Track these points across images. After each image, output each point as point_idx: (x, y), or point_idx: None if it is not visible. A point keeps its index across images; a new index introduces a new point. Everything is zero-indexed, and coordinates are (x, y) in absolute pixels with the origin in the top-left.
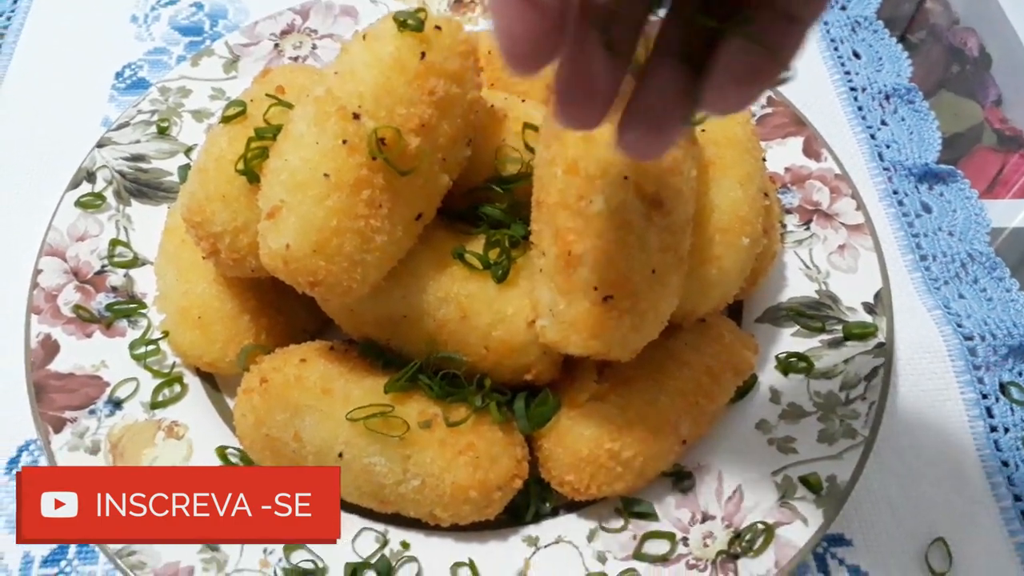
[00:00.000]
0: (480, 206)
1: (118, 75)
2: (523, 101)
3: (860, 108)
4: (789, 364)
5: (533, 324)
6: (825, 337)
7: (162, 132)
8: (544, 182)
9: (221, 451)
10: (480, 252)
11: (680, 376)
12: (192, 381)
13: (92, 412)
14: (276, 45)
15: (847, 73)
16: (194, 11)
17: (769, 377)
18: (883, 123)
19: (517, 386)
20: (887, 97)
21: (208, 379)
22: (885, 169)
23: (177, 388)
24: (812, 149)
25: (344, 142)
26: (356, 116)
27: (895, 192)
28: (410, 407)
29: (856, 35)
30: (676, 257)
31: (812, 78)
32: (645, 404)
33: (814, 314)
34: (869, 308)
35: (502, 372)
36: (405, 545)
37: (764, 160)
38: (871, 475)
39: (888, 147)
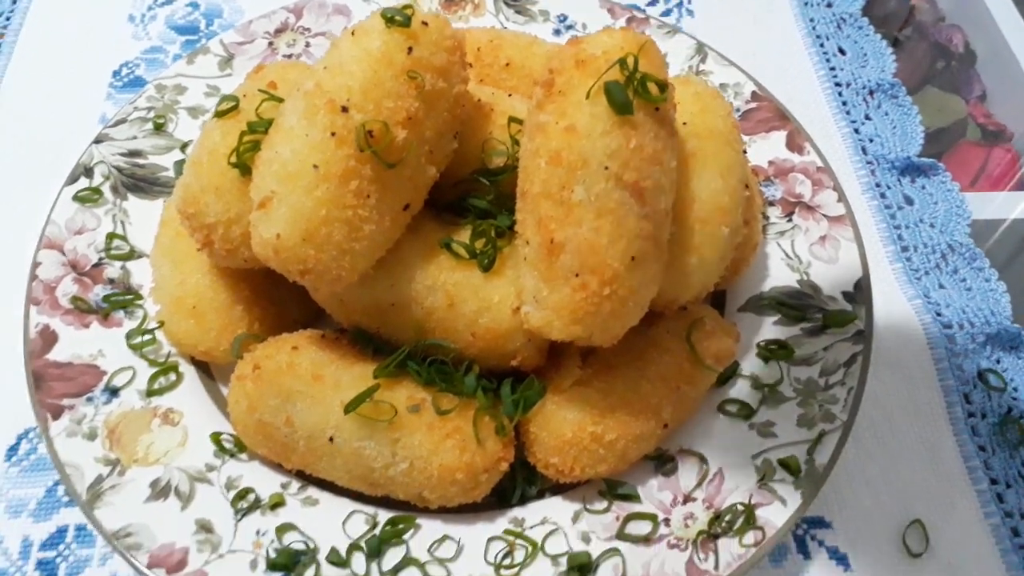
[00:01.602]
0: (467, 197)
1: (115, 73)
2: (509, 96)
3: (844, 103)
4: (770, 351)
5: (518, 311)
6: (806, 325)
7: (158, 128)
8: (528, 173)
9: (216, 437)
10: (467, 242)
11: (662, 362)
12: (187, 370)
13: (90, 400)
14: (270, 43)
15: (832, 69)
16: (190, 11)
17: (750, 364)
18: (867, 118)
19: (504, 372)
20: (871, 92)
21: (203, 368)
22: (868, 163)
23: (172, 376)
24: (795, 143)
25: (333, 135)
26: (344, 109)
27: (878, 185)
28: (399, 392)
29: (841, 31)
30: (656, 245)
31: (798, 73)
32: (627, 389)
33: (795, 303)
34: (849, 297)
35: (489, 358)
36: (394, 524)
37: (745, 153)
38: (850, 459)
39: (871, 141)
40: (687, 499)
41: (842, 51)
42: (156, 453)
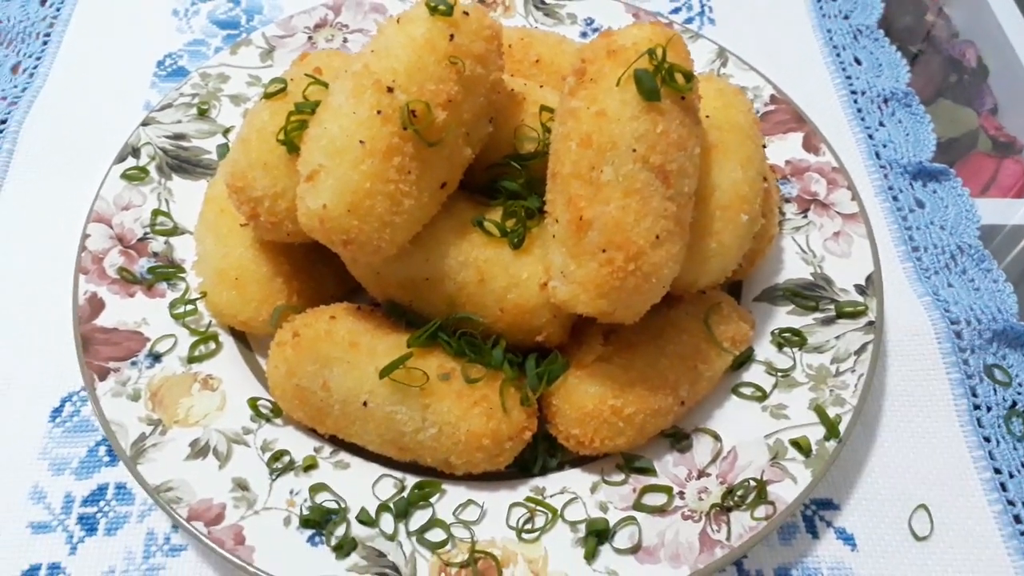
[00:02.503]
0: (499, 180)
1: (159, 64)
2: (541, 87)
3: (859, 110)
4: (784, 339)
5: (545, 287)
6: (818, 315)
7: (202, 114)
8: (559, 155)
9: (252, 402)
10: (498, 221)
11: (680, 342)
12: (226, 340)
13: (134, 364)
14: (310, 38)
15: (848, 77)
16: (231, 6)
17: (765, 351)
18: (881, 124)
19: (529, 348)
20: (885, 100)
21: (241, 339)
22: (881, 167)
23: (212, 345)
24: (811, 144)
25: (378, 113)
26: (390, 90)
27: (890, 188)
28: (430, 361)
29: (858, 43)
30: (679, 226)
31: (815, 81)
32: (646, 365)
33: (809, 294)
34: (861, 290)
35: (515, 333)
36: (421, 487)
37: (764, 147)
38: (859, 444)
39: (885, 147)
40: (701, 474)
41: (858, 61)
42: (196, 415)
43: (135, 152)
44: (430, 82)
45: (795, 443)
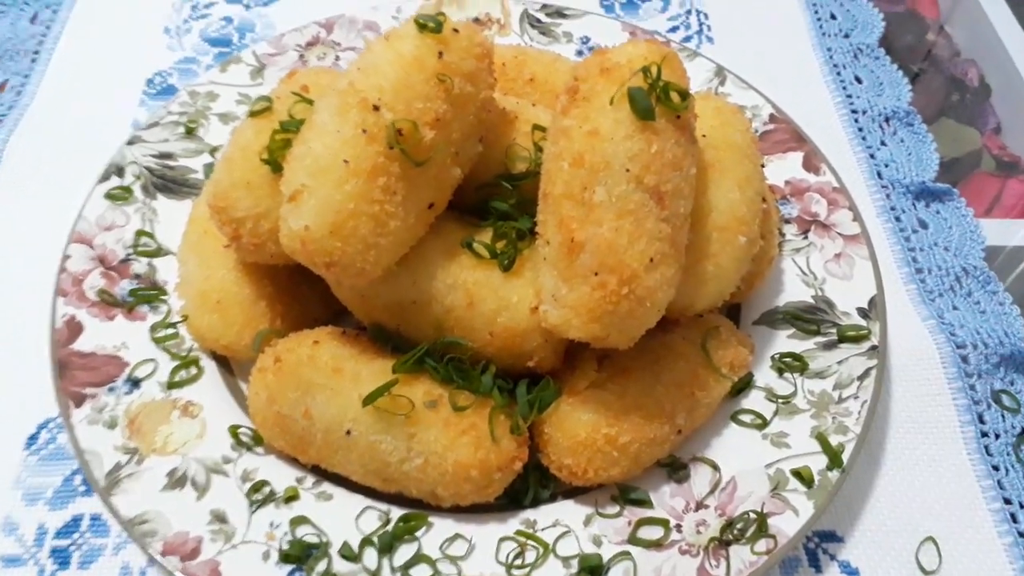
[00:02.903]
0: (489, 200)
1: (149, 82)
2: (534, 106)
3: (860, 129)
4: (784, 364)
5: (536, 310)
6: (820, 339)
7: (189, 132)
8: (551, 175)
9: (233, 429)
10: (488, 242)
11: (676, 368)
12: (208, 364)
13: (111, 390)
14: (301, 56)
15: (849, 96)
16: (223, 24)
17: (765, 376)
18: (882, 144)
19: (520, 373)
20: (887, 119)
21: (223, 363)
22: (883, 187)
23: (193, 370)
24: (811, 163)
25: (364, 132)
26: (376, 108)
27: (892, 208)
28: (417, 388)
29: (858, 61)
30: (674, 248)
31: (815, 100)
32: (642, 393)
33: (810, 318)
34: (863, 313)
35: (506, 358)
36: (407, 520)
37: (763, 167)
38: (863, 473)
39: (887, 166)
40: (699, 506)
41: (858, 80)
42: (174, 443)
43: (119, 171)
44: (417, 100)
45: (797, 473)
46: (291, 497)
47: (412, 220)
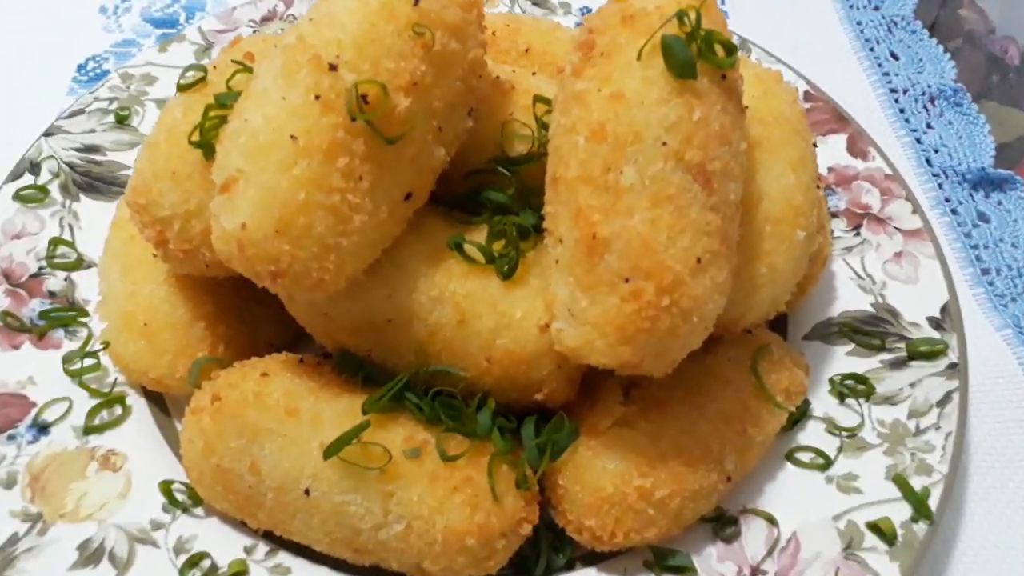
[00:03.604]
0: (483, 191)
1: (80, 67)
2: (534, 75)
3: (902, 110)
4: (846, 387)
5: (546, 329)
6: (886, 356)
7: (121, 121)
8: (562, 154)
9: (166, 487)
10: (482, 243)
11: (724, 398)
12: (136, 402)
13: (11, 438)
14: (255, 32)
15: (886, 74)
16: (169, 3)
17: (823, 403)
18: (928, 126)
19: (526, 408)
20: (932, 99)
21: (156, 400)
22: (935, 175)
23: (117, 410)
24: (857, 147)
25: (317, 98)
26: (333, 68)
27: (947, 200)
28: (394, 432)
29: (893, 35)
30: (725, 245)
31: (847, 78)
32: (682, 432)
33: (871, 330)
34: (935, 323)
35: (508, 390)
36: None
37: (815, 145)
38: (949, 522)
39: (936, 152)
40: (755, 572)
41: (894, 56)
42: (89, 506)
43: (33, 168)
44: (387, 58)
45: (874, 527)
46: (238, 573)
47: (384, 215)
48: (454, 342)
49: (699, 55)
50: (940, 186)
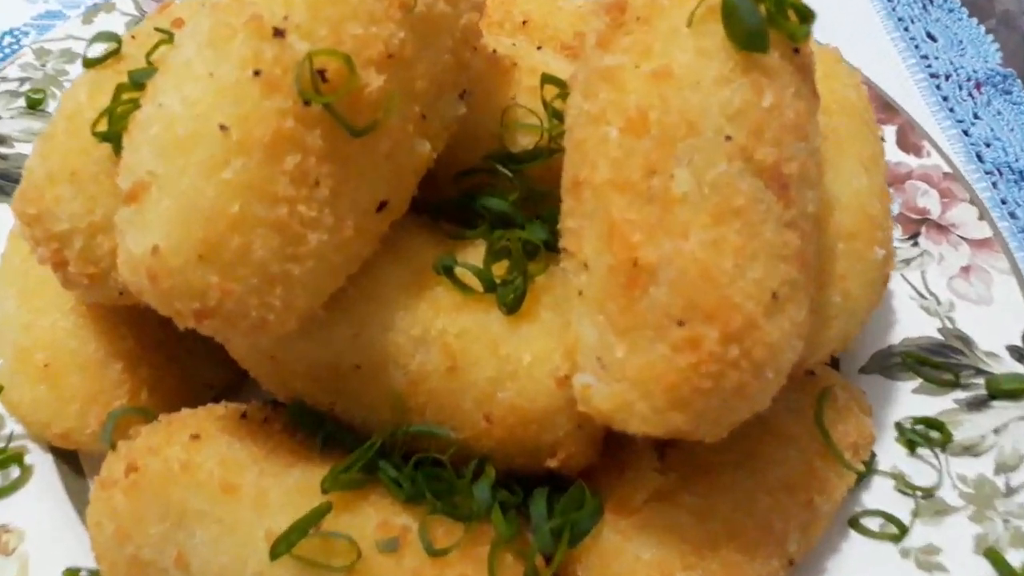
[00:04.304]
0: (479, 196)
1: None
2: (539, 49)
3: (946, 99)
4: (917, 434)
5: (565, 382)
6: (961, 395)
7: (33, 106)
8: (586, 151)
9: (71, 575)
10: (479, 265)
11: (785, 460)
12: (39, 460)
13: None
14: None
15: (924, 57)
16: None
17: (890, 454)
18: (976, 117)
19: (536, 478)
20: (978, 86)
21: (67, 458)
22: (988, 172)
23: (14, 472)
24: (909, 141)
25: (256, 74)
26: (279, 33)
27: (1004, 202)
28: (364, 517)
29: (928, 14)
30: (805, 271)
31: (881, 62)
32: (736, 507)
33: (941, 362)
34: (1018, 354)
35: (512, 455)
36: None
37: (883, 140)
38: None
39: (988, 146)
40: None
41: (931, 36)
42: None
43: None
44: (353, 21)
45: None
46: None
47: (349, 231)
48: (443, 395)
49: (769, 20)
50: (994, 185)
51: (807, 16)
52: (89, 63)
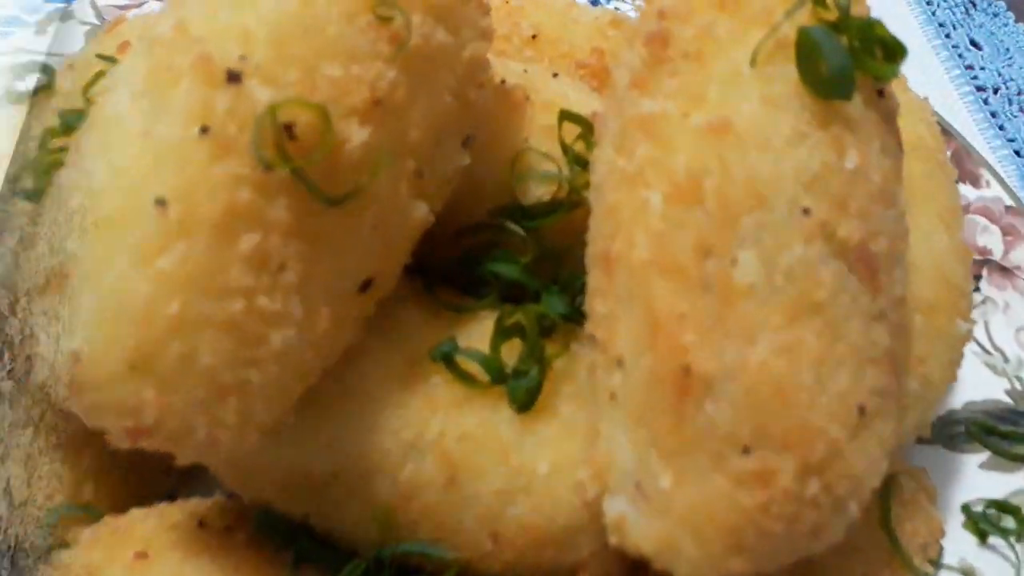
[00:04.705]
0: (485, 259)
1: None
2: (555, 76)
3: (994, 115)
4: (987, 521)
5: (594, 503)
6: None
7: None
8: (620, 219)
9: None
10: (485, 348)
11: (849, 573)
12: None
13: None
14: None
15: (968, 68)
16: None
17: (957, 543)
18: None
19: None
20: None
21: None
22: None
23: None
24: (965, 169)
25: (204, 131)
26: (233, 77)
27: None
28: None
29: (971, 19)
30: (895, 373)
31: (920, 72)
32: None
33: (1012, 431)
34: None
35: None
36: None
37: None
38: None
39: None
40: None
41: (975, 44)
42: None
43: None
44: (330, 61)
45: None
46: None
47: (324, 323)
48: (441, 510)
49: (856, 62)
50: None
51: (896, 52)
52: (16, 99)
